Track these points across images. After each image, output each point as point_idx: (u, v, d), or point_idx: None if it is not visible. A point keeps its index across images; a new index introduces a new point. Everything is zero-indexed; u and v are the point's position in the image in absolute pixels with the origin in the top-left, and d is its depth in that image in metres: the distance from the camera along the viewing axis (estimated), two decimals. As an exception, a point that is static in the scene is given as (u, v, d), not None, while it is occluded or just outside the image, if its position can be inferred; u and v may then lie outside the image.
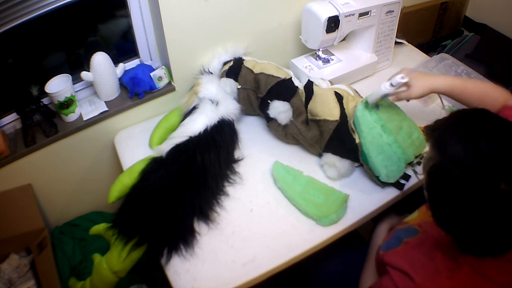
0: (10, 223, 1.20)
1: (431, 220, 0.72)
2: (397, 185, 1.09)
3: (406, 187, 1.09)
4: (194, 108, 1.19)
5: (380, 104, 1.08)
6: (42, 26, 1.15)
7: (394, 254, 0.79)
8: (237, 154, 1.19)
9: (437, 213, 0.68)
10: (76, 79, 1.25)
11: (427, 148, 1.14)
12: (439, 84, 0.97)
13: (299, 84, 1.19)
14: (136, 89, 1.27)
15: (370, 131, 1.04)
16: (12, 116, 1.22)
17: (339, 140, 1.10)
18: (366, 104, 1.06)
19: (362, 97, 1.19)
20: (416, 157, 1.13)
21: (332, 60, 1.41)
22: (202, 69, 1.30)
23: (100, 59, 1.19)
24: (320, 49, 1.39)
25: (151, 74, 1.27)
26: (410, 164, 1.12)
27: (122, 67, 1.28)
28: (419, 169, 1.13)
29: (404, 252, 0.78)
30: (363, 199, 1.07)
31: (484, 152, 0.60)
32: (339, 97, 1.13)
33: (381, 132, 1.05)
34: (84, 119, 1.24)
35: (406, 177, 1.11)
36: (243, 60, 1.26)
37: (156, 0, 1.11)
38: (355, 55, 1.45)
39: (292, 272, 1.03)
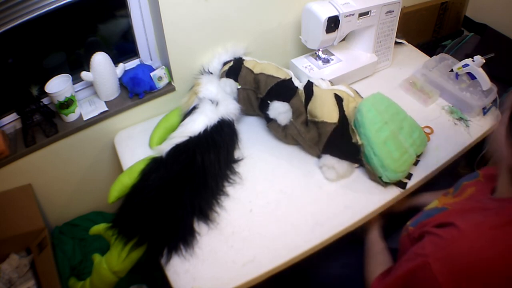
0: (10, 223, 1.20)
1: (457, 200, 0.77)
2: (400, 184, 1.09)
3: (408, 186, 1.09)
4: (194, 108, 1.19)
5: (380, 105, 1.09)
6: (42, 26, 1.15)
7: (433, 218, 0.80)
8: (237, 154, 1.19)
9: None
10: (76, 79, 1.25)
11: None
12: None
13: (299, 84, 1.19)
14: (136, 89, 1.27)
15: (373, 127, 1.05)
16: (12, 116, 1.22)
17: (337, 143, 1.10)
18: (372, 104, 1.07)
19: (362, 97, 1.19)
20: (418, 156, 1.13)
21: (332, 60, 1.41)
22: (202, 69, 1.30)
23: (100, 59, 1.19)
24: (320, 49, 1.39)
25: (151, 74, 1.27)
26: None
27: (122, 67, 1.28)
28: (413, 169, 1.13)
29: (446, 213, 0.79)
30: (363, 199, 1.06)
31: None
32: (338, 99, 1.13)
33: (383, 131, 1.06)
34: (84, 119, 1.24)
35: (408, 175, 1.11)
36: (243, 60, 1.26)
37: (156, 0, 1.11)
38: (355, 55, 1.45)
39: (292, 272, 1.03)
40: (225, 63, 1.27)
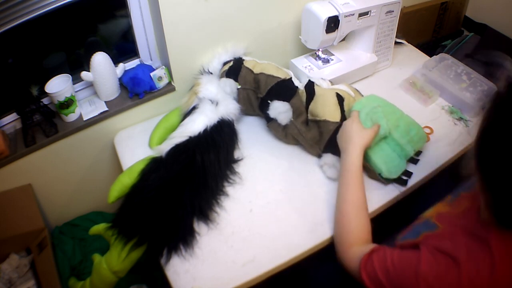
0: (10, 223, 1.20)
1: (451, 211, 0.76)
2: (400, 181, 1.09)
3: (409, 184, 1.09)
4: (194, 108, 1.19)
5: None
6: (42, 26, 1.15)
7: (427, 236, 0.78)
8: (237, 154, 1.19)
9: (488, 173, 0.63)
10: (76, 79, 1.25)
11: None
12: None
13: (299, 84, 1.19)
14: (136, 89, 1.27)
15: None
16: (12, 116, 1.22)
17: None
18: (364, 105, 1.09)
19: (363, 96, 1.20)
20: (417, 154, 1.15)
21: (332, 60, 1.41)
22: (202, 69, 1.30)
23: (100, 59, 1.19)
24: (320, 49, 1.39)
25: (151, 74, 1.27)
26: (411, 160, 1.14)
27: (122, 67, 1.28)
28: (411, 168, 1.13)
29: (438, 234, 0.77)
30: (363, 199, 1.07)
31: None
32: (340, 99, 1.13)
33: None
34: (84, 119, 1.24)
35: (408, 173, 1.11)
36: (243, 60, 1.26)
37: (156, 0, 1.11)
38: (355, 55, 1.45)
39: (292, 272, 1.03)
40: (225, 63, 1.27)
